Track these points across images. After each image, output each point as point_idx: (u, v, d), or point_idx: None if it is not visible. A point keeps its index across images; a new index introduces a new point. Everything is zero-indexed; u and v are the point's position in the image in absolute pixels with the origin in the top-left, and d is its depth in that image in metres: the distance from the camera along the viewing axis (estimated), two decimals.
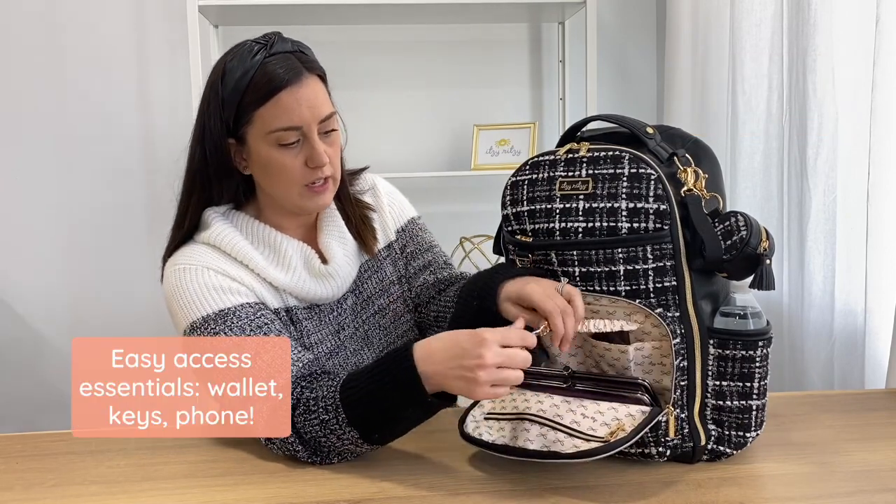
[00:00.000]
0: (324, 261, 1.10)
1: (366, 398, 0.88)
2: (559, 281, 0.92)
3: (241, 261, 1.04)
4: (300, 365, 0.98)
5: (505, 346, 0.83)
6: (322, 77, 1.06)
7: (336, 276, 1.09)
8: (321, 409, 0.90)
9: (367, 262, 1.17)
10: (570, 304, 0.89)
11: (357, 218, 1.16)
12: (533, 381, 0.92)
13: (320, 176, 1.03)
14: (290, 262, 1.06)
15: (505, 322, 0.93)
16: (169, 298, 1.03)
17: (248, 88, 0.99)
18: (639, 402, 0.86)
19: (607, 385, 0.88)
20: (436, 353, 0.86)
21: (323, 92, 1.04)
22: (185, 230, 1.07)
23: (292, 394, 0.94)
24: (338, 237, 1.12)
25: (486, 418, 0.92)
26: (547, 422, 0.86)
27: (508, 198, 0.97)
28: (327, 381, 0.94)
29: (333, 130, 1.05)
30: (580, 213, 0.88)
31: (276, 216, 1.10)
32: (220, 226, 1.05)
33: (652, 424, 0.83)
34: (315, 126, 1.01)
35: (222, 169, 1.05)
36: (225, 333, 0.96)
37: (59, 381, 2.38)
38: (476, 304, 1.01)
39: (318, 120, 1.02)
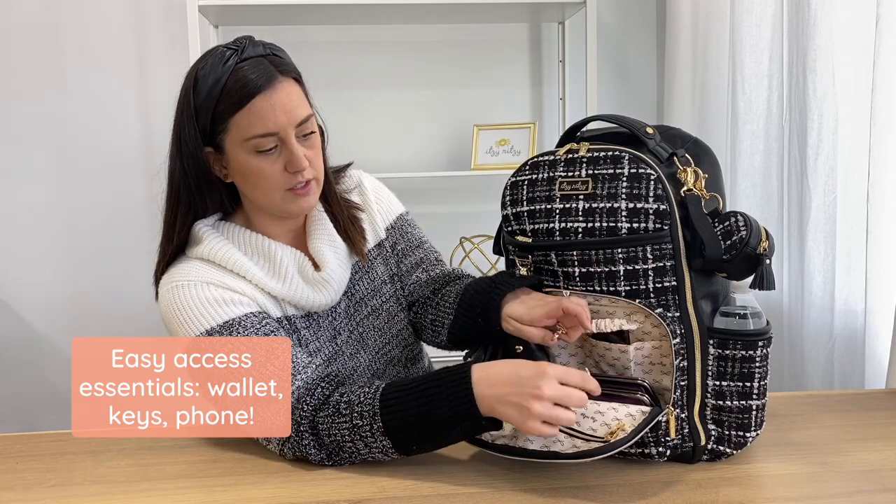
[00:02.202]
0: (316, 268, 1.08)
1: (411, 411, 0.87)
2: (554, 283, 0.92)
3: (239, 272, 1.03)
4: (313, 367, 0.97)
5: (563, 384, 0.83)
6: (297, 79, 1.03)
7: (331, 281, 1.07)
8: (355, 414, 0.89)
9: (359, 263, 1.15)
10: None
11: (345, 219, 1.14)
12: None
13: (301, 180, 1.01)
14: (285, 271, 1.05)
15: (505, 338, 0.95)
16: (167, 317, 1.01)
17: (222, 96, 0.98)
18: (639, 402, 0.86)
19: (607, 385, 0.88)
20: (493, 376, 0.85)
21: (298, 94, 1.01)
22: (175, 246, 1.06)
23: (314, 393, 0.93)
24: (328, 241, 1.11)
25: None
26: None
27: (508, 198, 0.96)
28: (361, 387, 0.93)
29: (312, 133, 1.03)
30: (580, 213, 0.88)
31: (264, 223, 1.08)
32: (212, 239, 1.04)
33: (652, 424, 0.83)
34: (292, 130, 0.99)
35: (202, 179, 1.03)
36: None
37: (59, 381, 2.38)
38: (481, 321, 1.00)
39: (295, 124, 0.99)
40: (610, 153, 0.88)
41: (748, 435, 0.88)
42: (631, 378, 0.87)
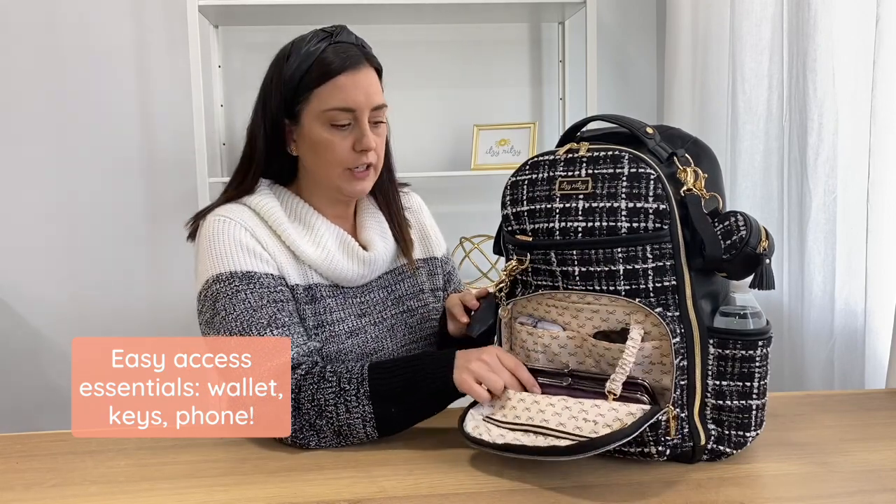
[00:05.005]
0: (364, 249, 1.15)
1: (397, 379, 0.96)
2: (553, 283, 0.92)
3: (274, 229, 1.09)
4: (312, 345, 1.04)
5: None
6: (378, 72, 1.12)
7: (372, 262, 1.14)
8: (343, 380, 0.96)
9: (403, 267, 1.22)
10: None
11: (401, 221, 1.22)
12: (543, 379, 0.93)
13: (364, 161, 1.09)
14: (321, 241, 1.11)
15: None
16: (201, 244, 1.08)
17: (311, 68, 1.06)
18: (638, 402, 0.86)
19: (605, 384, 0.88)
20: (469, 353, 0.96)
21: (378, 84, 1.10)
22: (235, 196, 1.12)
23: (303, 364, 0.99)
24: (380, 233, 1.18)
25: (485, 419, 0.92)
26: (550, 432, 0.86)
27: (508, 198, 0.96)
28: (348, 363, 1.00)
29: (382, 122, 1.11)
30: (580, 212, 0.88)
31: (316, 201, 1.15)
32: (263, 193, 1.12)
33: (652, 422, 0.83)
34: (367, 112, 1.08)
35: (277, 144, 1.11)
36: (245, 293, 1.02)
37: (59, 381, 2.38)
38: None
39: (371, 107, 1.08)
40: (610, 153, 0.88)
41: (748, 435, 0.88)
42: (631, 378, 0.87)
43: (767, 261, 0.85)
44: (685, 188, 0.86)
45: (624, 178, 0.86)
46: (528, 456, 0.85)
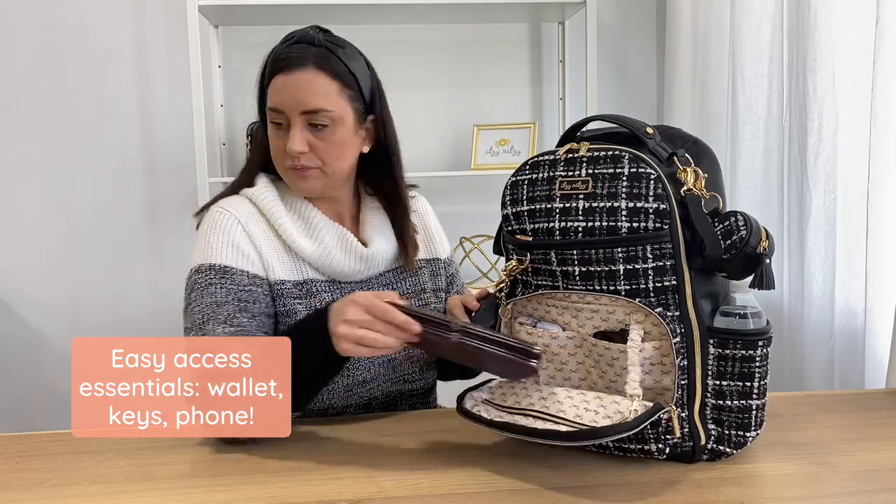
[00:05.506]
0: (364, 245, 1.16)
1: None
2: (553, 283, 0.92)
3: (272, 222, 1.11)
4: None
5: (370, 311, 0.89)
6: (338, 77, 1.08)
7: (370, 259, 1.14)
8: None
9: (405, 266, 1.22)
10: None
11: (405, 226, 1.21)
12: (428, 327, 0.89)
13: (294, 163, 1.08)
14: (319, 235, 1.11)
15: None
16: (199, 233, 1.11)
17: (265, 67, 1.11)
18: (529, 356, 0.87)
19: (499, 345, 0.88)
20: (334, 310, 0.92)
21: (323, 87, 1.06)
22: (238, 187, 1.15)
23: None
24: (381, 231, 1.18)
25: (484, 402, 0.93)
26: (550, 417, 0.86)
27: (508, 197, 0.96)
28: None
29: (325, 126, 1.07)
30: (580, 212, 0.88)
31: (312, 199, 1.15)
32: (264, 186, 1.14)
33: (653, 419, 0.83)
34: (297, 115, 1.06)
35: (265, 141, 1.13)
36: (215, 287, 1.04)
37: (59, 381, 2.39)
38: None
39: (300, 110, 1.06)
40: (610, 153, 0.88)
41: (748, 434, 0.88)
42: (526, 344, 0.89)
43: (767, 261, 0.85)
44: (685, 188, 0.86)
45: (624, 178, 0.86)
46: (526, 437, 0.85)
